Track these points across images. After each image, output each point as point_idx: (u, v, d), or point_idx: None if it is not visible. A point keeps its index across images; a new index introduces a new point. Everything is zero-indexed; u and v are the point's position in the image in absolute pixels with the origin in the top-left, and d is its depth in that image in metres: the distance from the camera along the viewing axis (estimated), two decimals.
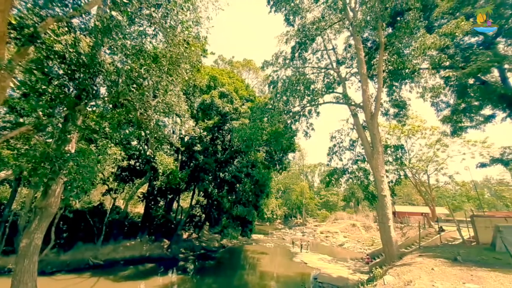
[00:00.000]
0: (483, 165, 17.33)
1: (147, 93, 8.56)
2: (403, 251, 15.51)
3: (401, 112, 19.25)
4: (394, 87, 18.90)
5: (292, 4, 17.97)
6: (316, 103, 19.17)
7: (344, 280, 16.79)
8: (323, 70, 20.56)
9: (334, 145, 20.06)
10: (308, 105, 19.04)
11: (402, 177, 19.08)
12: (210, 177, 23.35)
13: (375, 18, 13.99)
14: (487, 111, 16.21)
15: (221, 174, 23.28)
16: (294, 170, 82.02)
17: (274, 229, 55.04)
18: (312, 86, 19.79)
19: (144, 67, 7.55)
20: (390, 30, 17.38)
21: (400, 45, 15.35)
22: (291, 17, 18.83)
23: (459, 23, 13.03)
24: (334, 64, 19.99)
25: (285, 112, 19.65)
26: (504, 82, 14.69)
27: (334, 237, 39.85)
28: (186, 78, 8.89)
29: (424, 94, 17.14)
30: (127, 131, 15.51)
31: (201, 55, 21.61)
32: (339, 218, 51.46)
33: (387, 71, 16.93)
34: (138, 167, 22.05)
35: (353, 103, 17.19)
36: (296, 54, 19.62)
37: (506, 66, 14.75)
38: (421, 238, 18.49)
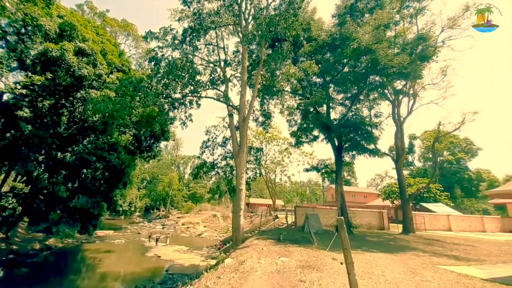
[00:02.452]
0: (307, 170, 24.22)
1: None
2: (247, 235, 18.55)
3: (267, 122, 23.05)
4: (265, 100, 22.30)
5: None
6: (199, 95, 19.06)
7: (196, 267, 17.63)
8: (211, 65, 20.78)
9: (208, 139, 20.75)
10: (190, 94, 18.54)
11: (258, 174, 22.82)
12: (40, 157, 17.15)
13: (261, 36, 15.92)
14: (316, 132, 22.77)
15: (59, 154, 17.72)
16: (165, 159, 77.32)
17: (130, 223, 49.00)
18: (198, 77, 19.48)
19: None
20: (270, 51, 20.46)
21: (274, 66, 18.37)
22: None
23: (312, 64, 17.47)
24: (222, 63, 20.78)
25: (164, 96, 18.05)
26: (327, 115, 21.26)
27: (195, 228, 41.21)
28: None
29: (283, 111, 21.50)
30: None
31: None
32: (203, 210, 53.89)
33: (262, 84, 19.74)
34: None
35: (231, 104, 18.59)
36: (188, 39, 18.60)
37: (331, 104, 21.50)
38: (262, 224, 22.92)
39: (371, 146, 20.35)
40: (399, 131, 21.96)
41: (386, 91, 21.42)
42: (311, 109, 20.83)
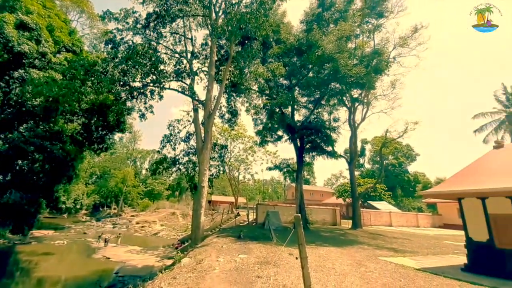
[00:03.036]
0: (270, 168, 24.88)
1: None
2: (208, 233, 18.24)
3: (233, 119, 22.87)
4: (232, 97, 22.10)
5: None
6: (162, 86, 17.98)
7: (150, 268, 16.63)
8: (177, 55, 19.74)
9: (171, 134, 19.73)
10: (151, 84, 17.36)
11: (221, 172, 22.58)
12: None
13: (231, 31, 15.69)
14: (280, 132, 23.45)
15: None
16: (120, 153, 71.20)
17: (74, 222, 43.96)
18: (162, 67, 18.36)
19: None
20: (239, 48, 20.33)
21: (243, 64, 18.32)
22: None
23: (279, 66, 17.92)
24: (189, 55, 19.91)
25: (121, 83, 16.57)
26: (292, 116, 22.08)
27: (151, 227, 38.92)
28: None
29: (250, 109, 21.62)
30: None
31: None
32: (160, 208, 51.12)
33: (230, 81, 19.51)
34: None
35: (197, 98, 17.97)
36: (152, 24, 17.32)
37: (295, 106, 22.37)
38: (224, 222, 22.78)
39: (329, 148, 21.85)
40: (353, 136, 23.98)
41: (344, 98, 23.17)
42: (277, 110, 21.38)
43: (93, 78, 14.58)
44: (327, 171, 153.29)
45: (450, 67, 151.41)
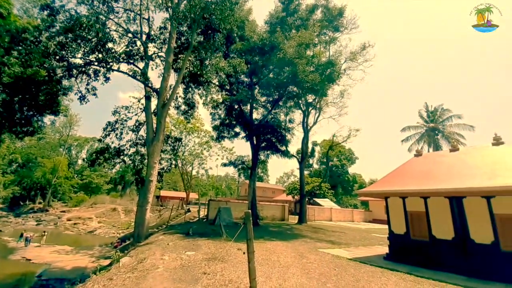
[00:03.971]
0: (225, 164, 24.70)
1: None
2: (154, 231, 17.14)
3: (190, 111, 21.90)
4: (190, 88, 21.12)
5: None
6: (109, 66, 16.04)
7: (81, 270, 14.77)
8: (130, 35, 17.84)
9: (116, 121, 17.76)
10: (96, 63, 15.35)
11: (173, 166, 21.44)
12: None
13: (193, 19, 14.94)
14: (237, 129, 23.47)
15: None
16: (51, 138, 61.11)
17: None
18: (110, 45, 16.39)
19: None
20: (202, 38, 19.51)
21: (204, 55, 17.67)
22: None
23: (241, 63, 17.88)
24: (144, 37, 18.20)
25: (58, 57, 14.19)
26: (250, 114, 22.31)
27: (86, 224, 34.64)
28: None
29: (208, 103, 21.05)
30: None
31: None
32: (99, 203, 45.86)
33: (189, 71, 18.60)
34: None
35: (150, 85, 16.61)
36: None
37: (254, 104, 22.67)
38: (172, 218, 21.75)
39: (284, 148, 22.91)
40: (305, 138, 25.67)
41: (300, 101, 24.58)
42: (236, 106, 21.33)
43: (20, 48, 12.11)
44: (280, 169, 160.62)
45: (390, 84, 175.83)
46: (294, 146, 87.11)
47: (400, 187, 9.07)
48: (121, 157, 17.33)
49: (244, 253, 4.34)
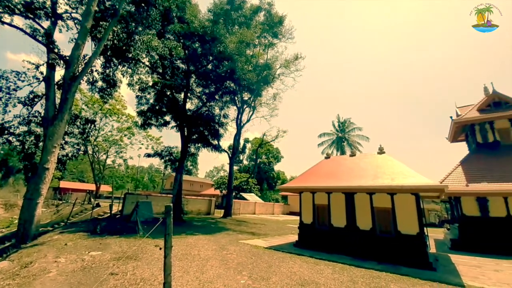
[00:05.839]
0: (149, 155, 22.49)
1: None
2: (47, 229, 13.97)
3: (109, 90, 18.76)
4: (112, 63, 18.14)
5: None
6: None
7: None
8: None
9: (1, 89, 13.48)
10: None
11: (81, 152, 18.03)
12: None
13: None
14: (168, 118, 21.78)
15: None
16: None
17: None
18: None
19: None
20: (133, 9, 17.03)
21: (134, 29, 15.51)
22: None
23: (178, 46, 16.64)
24: None
25: None
26: (184, 103, 21.05)
27: None
28: None
29: (134, 84, 18.64)
30: None
31: None
32: None
33: (113, 43, 15.94)
34: None
35: (57, 51, 13.36)
36: None
37: (189, 94, 21.51)
38: (75, 214, 18.31)
39: (216, 142, 22.76)
40: (238, 134, 26.30)
41: (236, 98, 24.94)
42: (168, 93, 19.74)
43: None
44: (210, 163, 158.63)
45: (318, 94, 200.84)
46: (227, 141, 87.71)
47: (311, 183, 10.57)
48: (5, 136, 13.34)
49: (160, 249, 4.15)
